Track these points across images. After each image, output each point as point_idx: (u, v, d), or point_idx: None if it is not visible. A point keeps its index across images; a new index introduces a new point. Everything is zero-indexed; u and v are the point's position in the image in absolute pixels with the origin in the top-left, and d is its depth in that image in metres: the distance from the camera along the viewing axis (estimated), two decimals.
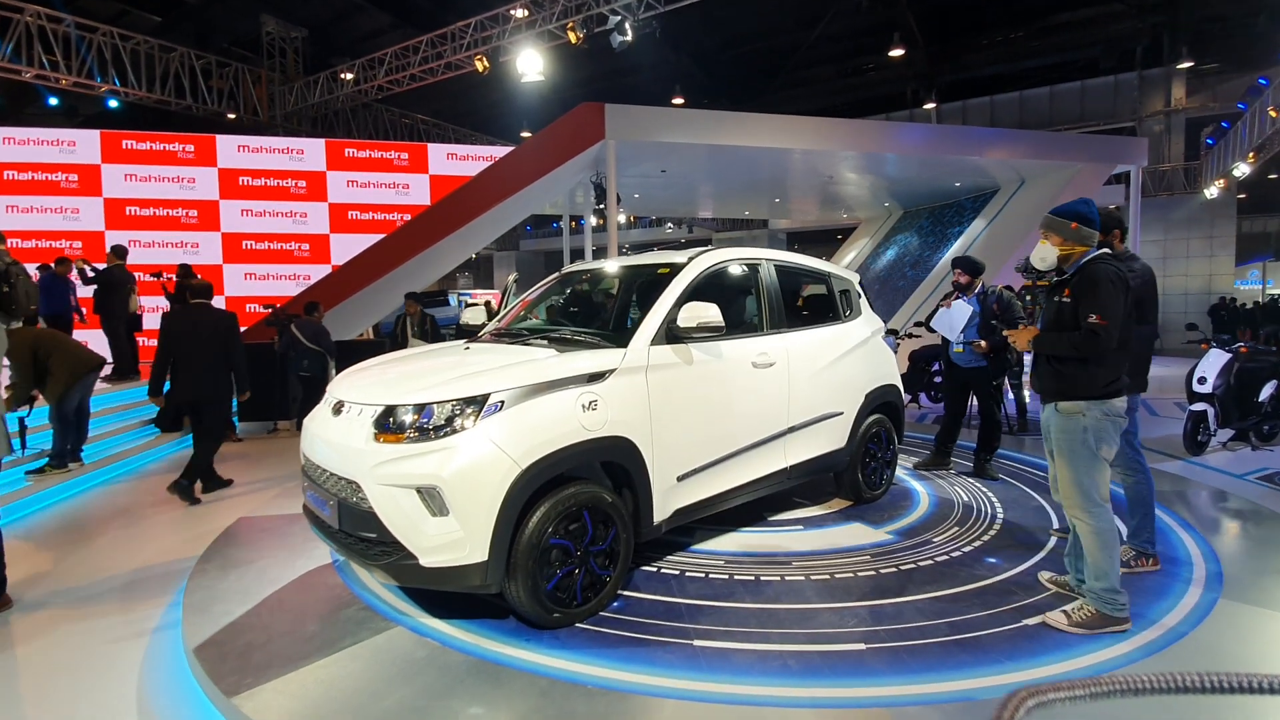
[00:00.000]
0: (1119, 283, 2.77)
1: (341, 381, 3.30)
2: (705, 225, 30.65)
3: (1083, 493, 2.84)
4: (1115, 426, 2.83)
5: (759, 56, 23.54)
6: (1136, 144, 13.21)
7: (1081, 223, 2.87)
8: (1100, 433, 2.81)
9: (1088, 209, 2.91)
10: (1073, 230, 2.87)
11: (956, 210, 15.98)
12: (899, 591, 3.20)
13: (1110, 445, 2.84)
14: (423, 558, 2.61)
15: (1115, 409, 2.82)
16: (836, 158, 12.66)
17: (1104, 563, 2.81)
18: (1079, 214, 2.88)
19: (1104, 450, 2.82)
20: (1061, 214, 2.90)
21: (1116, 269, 2.81)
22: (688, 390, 3.34)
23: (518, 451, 2.68)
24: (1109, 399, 2.81)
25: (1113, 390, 2.82)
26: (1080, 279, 2.83)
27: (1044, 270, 2.95)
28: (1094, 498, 2.82)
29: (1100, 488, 2.83)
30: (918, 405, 9.05)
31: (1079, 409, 2.83)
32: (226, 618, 3.07)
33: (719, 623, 2.92)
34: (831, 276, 4.52)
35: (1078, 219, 2.87)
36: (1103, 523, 2.81)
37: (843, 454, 4.30)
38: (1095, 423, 2.80)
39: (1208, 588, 3.24)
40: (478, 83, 17.89)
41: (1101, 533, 2.81)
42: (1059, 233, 2.89)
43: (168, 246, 13.77)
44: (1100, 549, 2.81)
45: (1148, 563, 3.45)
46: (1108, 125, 20.11)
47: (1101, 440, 2.81)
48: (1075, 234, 2.87)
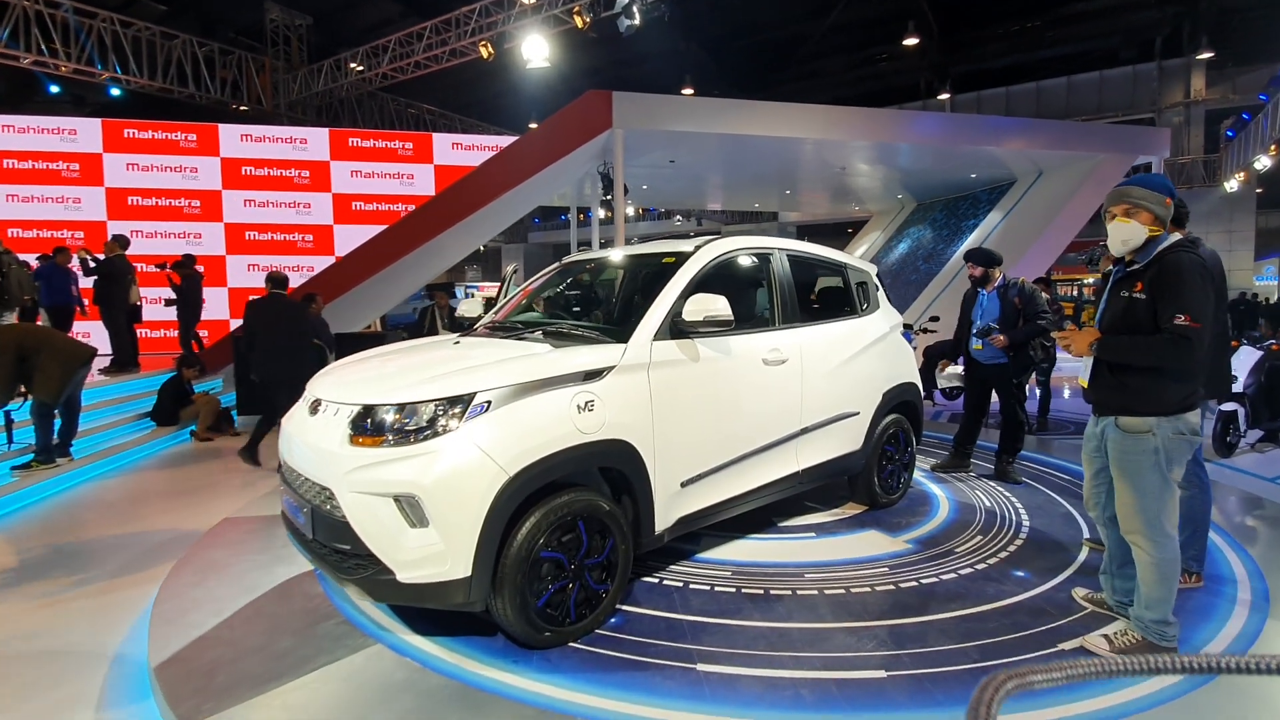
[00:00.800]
0: (1206, 275, 2.33)
1: (322, 378, 3.07)
2: (714, 218, 30.32)
3: (1148, 520, 2.46)
4: (1189, 445, 2.45)
5: (769, 47, 23.14)
6: (1159, 134, 12.80)
7: (1175, 199, 2.44)
8: (1172, 453, 2.42)
9: (1173, 185, 2.49)
10: (1167, 208, 2.42)
11: (972, 202, 15.60)
12: (920, 610, 2.95)
13: (1181, 466, 2.47)
14: (400, 573, 2.39)
15: (1190, 425, 2.43)
16: (849, 148, 12.33)
17: (1160, 593, 2.49)
18: (1171, 189, 2.44)
19: (1175, 472, 2.46)
20: (1156, 188, 2.43)
21: (1201, 258, 2.37)
22: (693, 389, 3.10)
23: (505, 457, 2.45)
24: (1183, 414, 2.41)
25: (1188, 404, 2.42)
26: (1160, 270, 2.37)
27: (1122, 253, 2.48)
28: (1161, 526, 2.46)
29: (1170, 515, 2.47)
30: (932, 403, 8.78)
31: (1148, 427, 2.43)
32: (195, 630, 2.86)
33: (725, 643, 2.68)
34: (848, 268, 4.25)
35: (1172, 194, 2.43)
36: (1166, 553, 2.46)
37: (858, 456, 4.04)
38: (1167, 442, 2.42)
39: (1254, 609, 2.97)
40: (485, 72, 17.63)
41: (1163, 563, 2.47)
42: (1152, 209, 2.40)
43: (170, 237, 13.61)
44: (1158, 581, 2.48)
45: (1190, 579, 3.18)
46: (1126, 117, 19.66)
47: (1173, 462, 2.44)
48: (1167, 213, 2.42)
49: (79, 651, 2.96)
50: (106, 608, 3.36)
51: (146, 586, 3.52)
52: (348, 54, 15.01)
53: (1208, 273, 2.36)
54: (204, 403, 8.05)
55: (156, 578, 3.57)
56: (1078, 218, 12.79)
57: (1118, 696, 2.32)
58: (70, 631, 3.13)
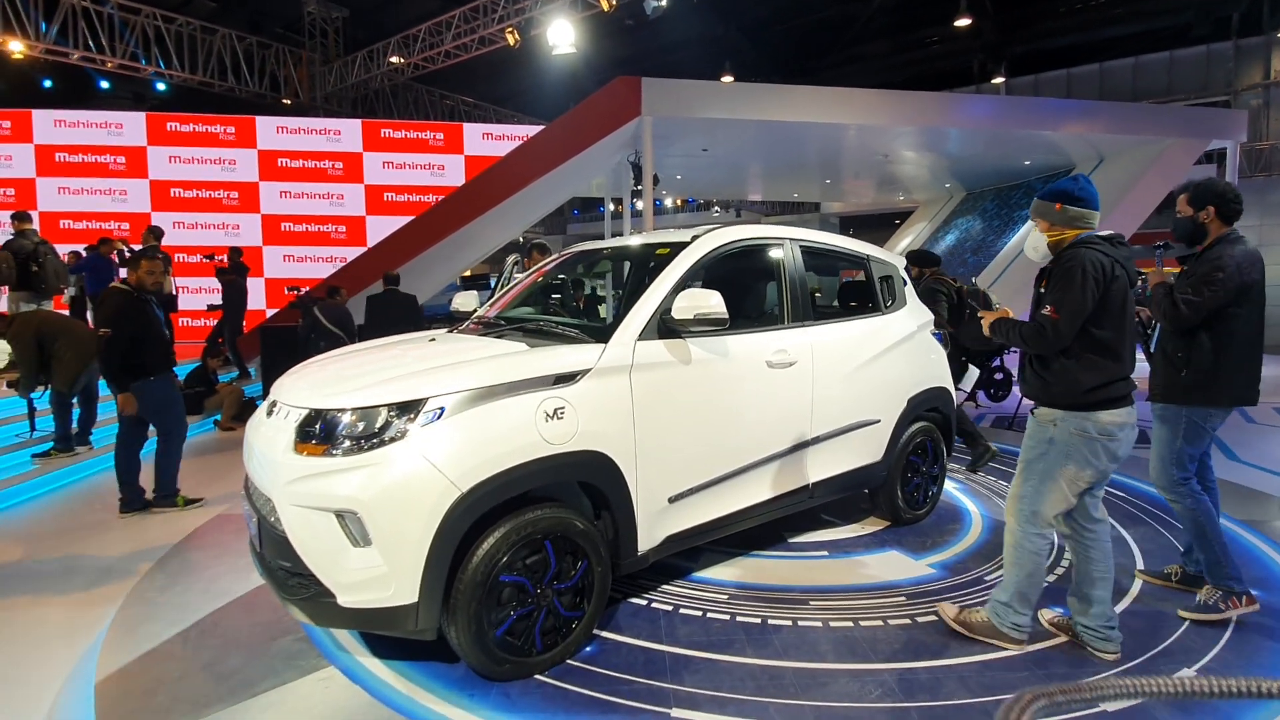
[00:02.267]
0: (1094, 270, 2.35)
1: (285, 377, 2.87)
2: (754, 209, 29.68)
3: (1021, 505, 2.57)
4: (1091, 447, 2.41)
5: (811, 30, 22.35)
6: (1234, 117, 11.80)
7: (1068, 203, 2.50)
8: (1069, 446, 2.43)
9: (1075, 186, 2.53)
10: (1058, 212, 2.51)
11: (1025, 191, 14.73)
12: (938, 652, 2.58)
13: (1080, 468, 2.43)
14: (341, 596, 2.16)
15: (1100, 425, 2.40)
16: (893, 134, 11.71)
17: (1010, 577, 2.60)
18: (1064, 193, 2.52)
19: (1068, 470, 2.44)
20: (1046, 195, 2.56)
21: (1096, 256, 2.38)
22: (683, 395, 2.78)
23: (457, 471, 2.19)
24: (1093, 411, 2.40)
25: (1100, 402, 2.40)
26: (1055, 266, 2.49)
27: (1036, 259, 2.62)
28: (1036, 510, 2.53)
29: (1044, 508, 2.51)
30: (975, 404, 8.24)
31: (1051, 418, 2.50)
32: (149, 642, 2.70)
33: (708, 684, 2.37)
34: (871, 260, 3.85)
35: (1063, 199, 2.51)
36: (1025, 541, 2.55)
37: (879, 468, 3.67)
38: (1062, 435, 2.45)
39: None
40: (519, 63, 17.46)
41: (1019, 548, 2.57)
42: (1045, 217, 2.56)
43: (210, 228, 13.90)
44: (1014, 564, 2.59)
45: (1240, 602, 2.82)
46: (1198, 99, 18.27)
47: (1069, 459, 2.44)
48: (1062, 216, 2.51)
49: (43, 659, 2.84)
50: (84, 611, 3.24)
51: (126, 585, 3.41)
52: (381, 45, 15.02)
53: (1099, 270, 2.37)
54: (228, 393, 8.10)
55: (136, 575, 3.46)
56: (1142, 207, 11.89)
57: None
58: (41, 638, 3.02)
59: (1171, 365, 2.96)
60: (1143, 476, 4.83)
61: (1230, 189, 2.94)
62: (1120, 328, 2.40)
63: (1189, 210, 2.98)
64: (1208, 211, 2.92)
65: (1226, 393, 2.87)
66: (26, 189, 13.14)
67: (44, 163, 13.20)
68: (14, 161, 13.12)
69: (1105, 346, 2.39)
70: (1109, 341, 2.39)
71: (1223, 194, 2.90)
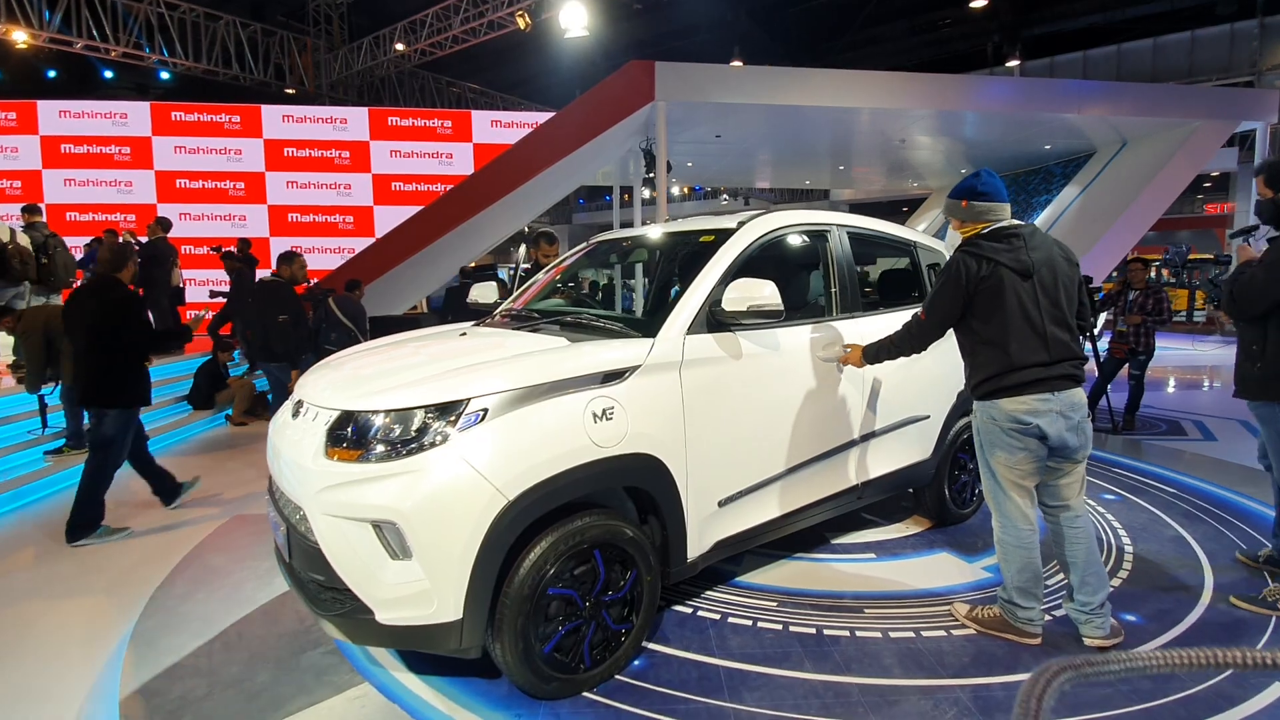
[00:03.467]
0: (959, 272, 2.43)
1: (309, 374, 2.71)
2: (762, 196, 29.36)
3: (989, 500, 2.63)
4: (1003, 433, 2.45)
5: (823, 13, 21.96)
6: (1265, 97, 11.47)
7: (973, 199, 2.50)
8: (988, 435, 2.53)
9: (978, 182, 2.51)
10: (964, 209, 2.52)
11: (1044, 177, 14.43)
12: (1010, 665, 2.42)
13: (1004, 451, 2.48)
14: (380, 612, 2.00)
15: (1003, 412, 2.44)
16: (909, 117, 11.43)
17: (1004, 573, 2.60)
18: (969, 189, 2.52)
19: (997, 456, 2.51)
20: (953, 194, 2.57)
21: (967, 257, 2.43)
22: (734, 392, 2.61)
23: (503, 478, 2.02)
24: (991, 399, 2.47)
25: (992, 391, 2.45)
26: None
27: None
28: (995, 501, 2.58)
29: (997, 496, 2.56)
30: None
31: (974, 409, 2.62)
32: (171, 656, 2.57)
33: (767, 703, 2.22)
34: (918, 247, 3.66)
35: (968, 195, 2.51)
36: (1003, 534, 2.57)
37: (928, 466, 3.50)
38: (981, 424, 2.56)
39: None
40: (527, 49, 17.20)
41: (1001, 544, 2.59)
42: (954, 214, 2.58)
43: (216, 219, 13.76)
44: (1003, 560, 2.60)
45: None
46: (1221, 80, 17.88)
47: (993, 444, 2.51)
48: (969, 212, 2.52)
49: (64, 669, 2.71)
50: (101, 618, 3.11)
51: (144, 593, 3.28)
52: (387, 31, 14.77)
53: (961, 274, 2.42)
54: (239, 387, 7.97)
55: (154, 583, 3.33)
56: (1167, 193, 11.60)
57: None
58: (60, 647, 2.89)
59: (1247, 358, 2.87)
60: (1199, 474, 4.66)
61: None
62: (1000, 321, 2.40)
63: (1269, 192, 2.86)
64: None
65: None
66: (33, 181, 13.00)
67: (50, 154, 13.05)
68: (20, 153, 12.97)
69: (988, 341, 2.44)
70: (992, 336, 2.43)
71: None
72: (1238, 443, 5.61)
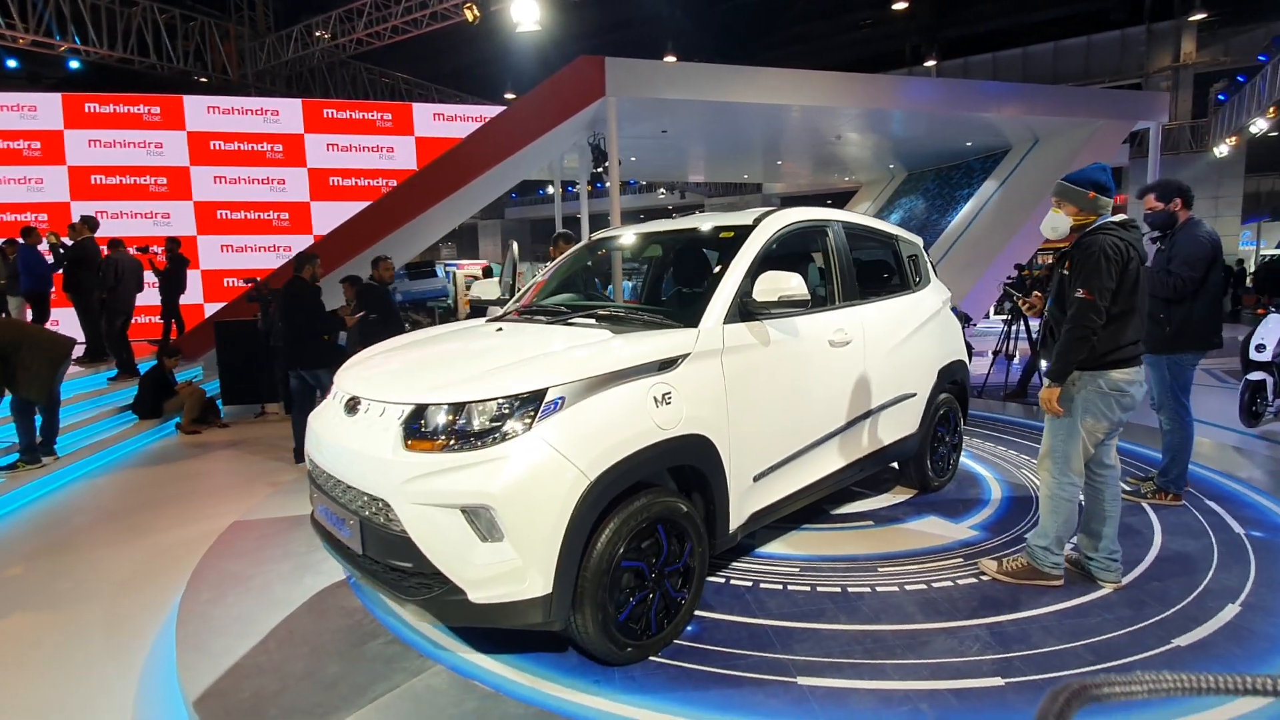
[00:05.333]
0: (1115, 255, 2.63)
1: (353, 372, 2.76)
2: (698, 190, 29.89)
3: (1057, 458, 2.84)
4: (1105, 401, 2.73)
5: (753, 11, 22.60)
6: (1158, 99, 12.72)
7: (1100, 192, 2.73)
8: (1087, 401, 2.74)
9: (1105, 176, 2.75)
10: (1090, 200, 2.73)
11: (965, 172, 15.45)
12: (1013, 605, 2.77)
13: (1097, 419, 2.74)
14: (472, 592, 2.12)
15: (1112, 381, 2.71)
16: (849, 115, 12.03)
17: (1048, 524, 2.87)
18: (1096, 182, 2.73)
19: (1088, 422, 2.75)
20: (1077, 181, 2.76)
21: (1114, 241, 2.65)
22: (765, 375, 2.85)
23: (585, 459, 2.18)
24: (1104, 370, 2.71)
25: (1108, 362, 2.71)
26: (1078, 251, 2.73)
27: (1055, 238, 2.86)
28: (1067, 460, 2.81)
29: (1070, 456, 2.81)
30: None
31: (1071, 378, 2.76)
32: (228, 657, 2.57)
33: (818, 652, 2.47)
34: (899, 240, 4.01)
35: (1095, 188, 2.72)
36: (1060, 490, 2.83)
37: (914, 439, 3.85)
38: (1083, 392, 2.74)
39: None
40: (461, 39, 16.88)
41: (1055, 498, 2.85)
42: (1075, 202, 2.76)
43: (137, 217, 12.91)
44: (1049, 512, 2.87)
45: (1166, 497, 3.82)
46: (1113, 82, 19.56)
47: (1087, 412, 2.75)
48: (1092, 204, 2.73)
49: (100, 679, 2.66)
50: (119, 630, 3.05)
51: (160, 603, 3.22)
52: (320, 19, 14.20)
53: (1118, 253, 2.63)
54: (188, 393, 7.61)
55: (168, 592, 3.27)
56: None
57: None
58: (86, 659, 2.83)
59: (1155, 324, 3.60)
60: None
61: (1185, 183, 3.71)
62: (1131, 300, 2.67)
63: (1160, 205, 3.65)
64: (1176, 202, 3.62)
65: (1202, 339, 3.61)
66: None
67: None
68: None
69: (1116, 317, 2.68)
70: (1120, 313, 2.68)
71: (1183, 188, 3.68)
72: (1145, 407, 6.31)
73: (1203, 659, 2.38)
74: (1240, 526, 3.52)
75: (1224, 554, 3.21)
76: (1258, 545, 3.29)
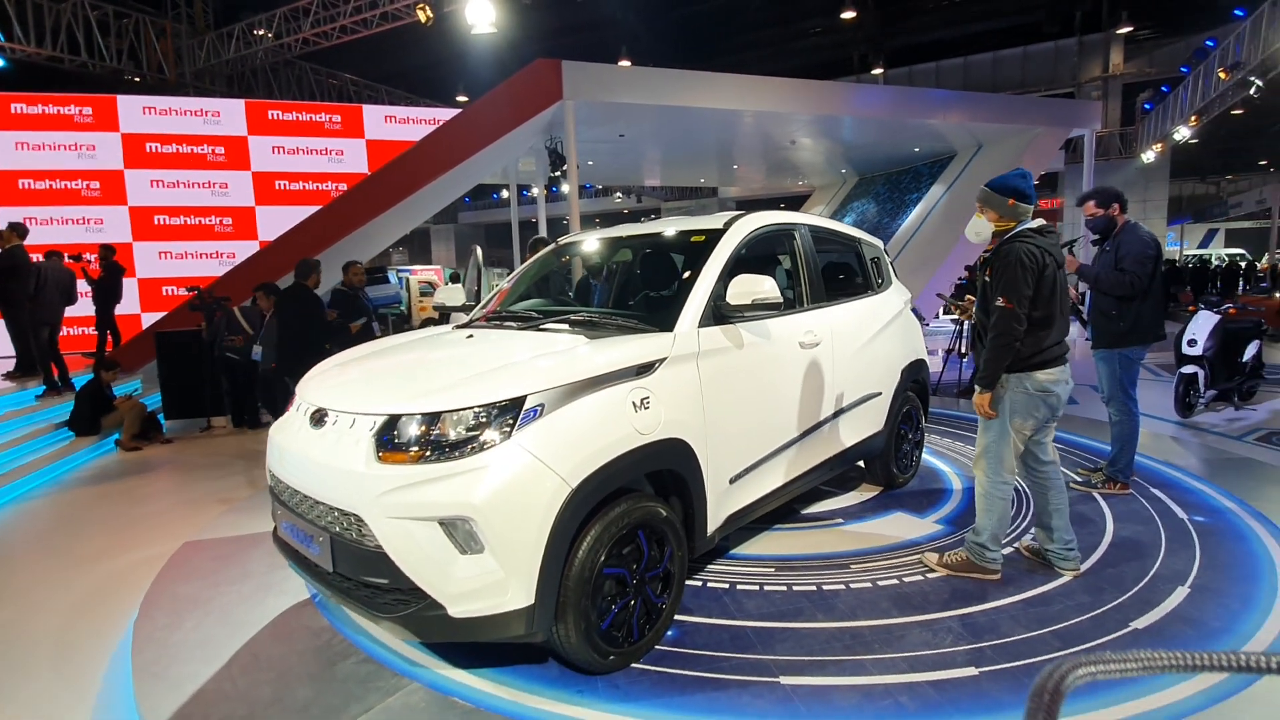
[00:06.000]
0: (1030, 262, 2.73)
1: (317, 382, 2.66)
2: (654, 194, 30.02)
3: (990, 458, 2.95)
4: (1032, 401, 2.84)
5: (705, 18, 22.85)
6: (1092, 107, 13.35)
7: (1019, 199, 2.83)
8: (1016, 402, 2.85)
9: (1024, 184, 2.85)
10: (1009, 207, 2.84)
11: (914, 176, 15.93)
12: (981, 597, 2.86)
13: (1024, 419, 2.86)
14: (452, 607, 2.07)
15: (1037, 382, 2.82)
16: (801, 120, 12.27)
17: (984, 522, 2.97)
18: (1016, 189, 2.84)
19: (1015, 422, 2.87)
20: (998, 188, 2.86)
21: (1029, 248, 2.75)
22: (739, 378, 2.87)
23: (566, 467, 2.15)
24: (1027, 371, 2.82)
25: (1032, 365, 2.81)
26: (997, 259, 2.83)
27: (978, 243, 2.97)
28: (1000, 459, 2.92)
29: (1003, 454, 2.91)
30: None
31: (1000, 380, 2.87)
32: (191, 683, 2.45)
33: (799, 650, 2.50)
34: (861, 243, 4.10)
35: (1015, 195, 2.83)
36: (993, 488, 2.94)
37: (880, 437, 3.94)
38: (1012, 393, 2.85)
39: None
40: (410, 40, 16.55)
41: (989, 497, 2.96)
42: (995, 208, 2.87)
43: (67, 223, 12.25)
44: (984, 510, 2.98)
45: (1115, 486, 4.00)
46: (1048, 91, 20.49)
47: (1015, 413, 2.86)
48: (1011, 210, 2.85)
49: (50, 714, 2.49)
50: (68, 660, 2.86)
51: (112, 630, 3.04)
52: (264, 17, 13.73)
53: (1035, 261, 2.74)
54: (128, 408, 7.23)
55: (120, 619, 3.09)
56: None
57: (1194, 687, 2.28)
58: (31, 694, 2.64)
59: (1109, 320, 3.86)
60: (1074, 430, 5.49)
61: (1119, 189, 3.95)
62: (1051, 305, 2.79)
63: (1099, 210, 3.88)
64: (1114, 208, 3.85)
65: (1150, 333, 3.85)
66: None
67: None
68: None
69: (1037, 321, 2.79)
70: (1041, 318, 2.79)
71: (1119, 194, 3.90)
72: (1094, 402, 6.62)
73: (1159, 640, 2.49)
74: (1184, 512, 3.71)
75: (1171, 539, 3.37)
76: (1200, 529, 3.47)
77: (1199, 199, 29.88)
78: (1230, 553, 3.21)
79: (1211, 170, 29.60)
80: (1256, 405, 6.63)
